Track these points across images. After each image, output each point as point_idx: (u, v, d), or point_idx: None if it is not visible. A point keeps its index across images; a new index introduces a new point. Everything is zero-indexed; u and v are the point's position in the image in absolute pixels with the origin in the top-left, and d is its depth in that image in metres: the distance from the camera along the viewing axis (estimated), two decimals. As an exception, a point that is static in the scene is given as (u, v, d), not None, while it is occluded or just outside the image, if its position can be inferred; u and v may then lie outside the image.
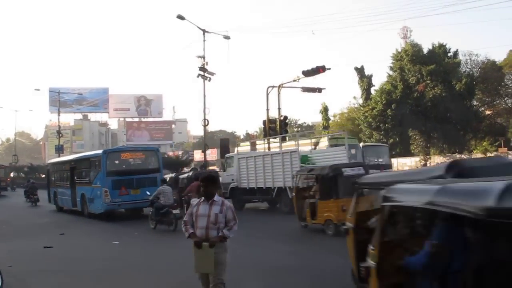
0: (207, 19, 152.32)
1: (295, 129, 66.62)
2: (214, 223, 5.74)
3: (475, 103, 43.59)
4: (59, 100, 51.02)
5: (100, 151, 21.86)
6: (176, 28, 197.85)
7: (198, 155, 54.17)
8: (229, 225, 5.77)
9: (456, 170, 4.81)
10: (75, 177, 21.91)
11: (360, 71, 51.71)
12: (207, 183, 5.93)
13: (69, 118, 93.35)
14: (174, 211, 15.04)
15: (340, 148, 20.80)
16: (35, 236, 15.53)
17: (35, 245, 13.27)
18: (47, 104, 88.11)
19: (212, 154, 52.44)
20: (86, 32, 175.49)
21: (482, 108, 44.38)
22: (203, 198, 5.92)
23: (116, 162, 20.18)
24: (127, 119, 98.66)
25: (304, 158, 20.11)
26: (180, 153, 55.95)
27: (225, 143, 32.80)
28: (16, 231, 17.06)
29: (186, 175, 22.79)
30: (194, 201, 6.55)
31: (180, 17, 27.05)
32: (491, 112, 44.23)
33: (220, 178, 18.18)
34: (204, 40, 31.43)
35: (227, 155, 25.66)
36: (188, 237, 5.87)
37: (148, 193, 17.20)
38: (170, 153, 58.68)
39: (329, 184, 13.00)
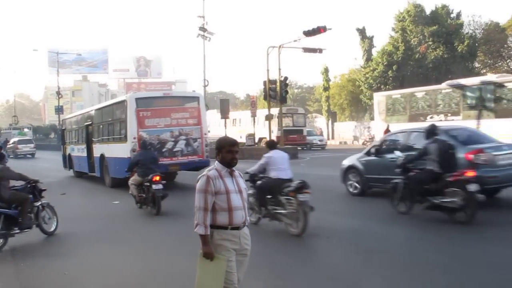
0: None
1: (295, 90, 66.31)
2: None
3: (477, 65, 43.29)
4: (58, 61, 50.82)
5: None
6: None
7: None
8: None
9: None
10: None
11: (361, 32, 51.08)
12: (237, 148, 4.03)
13: (68, 79, 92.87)
14: None
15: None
16: None
17: None
18: (46, 65, 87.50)
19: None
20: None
21: (484, 70, 44.07)
22: (224, 168, 3.94)
23: None
24: (127, 80, 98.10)
25: (20, 133, 49.86)
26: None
27: (225, 103, 32.83)
28: None
29: None
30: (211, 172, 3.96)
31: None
32: (493, 74, 43.98)
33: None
34: (204, -1, 30.98)
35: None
36: (201, 235, 3.81)
37: None
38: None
39: None
